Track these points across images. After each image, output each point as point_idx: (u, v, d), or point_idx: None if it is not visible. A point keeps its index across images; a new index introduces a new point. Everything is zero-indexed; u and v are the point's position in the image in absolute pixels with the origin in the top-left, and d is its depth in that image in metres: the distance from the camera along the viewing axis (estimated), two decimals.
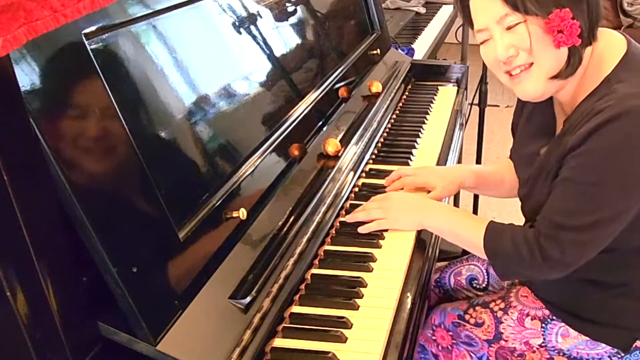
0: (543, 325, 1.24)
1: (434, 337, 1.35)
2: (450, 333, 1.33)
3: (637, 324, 1.17)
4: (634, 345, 1.18)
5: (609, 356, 1.20)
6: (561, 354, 1.23)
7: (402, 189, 1.43)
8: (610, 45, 1.12)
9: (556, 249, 1.07)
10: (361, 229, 1.24)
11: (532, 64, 1.09)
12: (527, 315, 1.26)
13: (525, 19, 1.06)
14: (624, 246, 1.12)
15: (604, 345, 1.19)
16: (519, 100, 1.31)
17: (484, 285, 1.46)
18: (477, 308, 1.32)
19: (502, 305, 1.29)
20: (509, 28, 1.07)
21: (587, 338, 1.20)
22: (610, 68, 1.08)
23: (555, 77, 1.09)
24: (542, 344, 1.24)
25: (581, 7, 1.05)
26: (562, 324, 1.22)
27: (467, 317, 1.31)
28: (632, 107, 1.00)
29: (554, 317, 1.23)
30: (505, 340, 1.27)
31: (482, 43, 1.14)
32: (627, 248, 1.13)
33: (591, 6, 1.07)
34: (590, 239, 1.07)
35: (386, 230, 1.26)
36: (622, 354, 1.19)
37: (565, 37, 1.03)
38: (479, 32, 1.13)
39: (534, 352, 1.25)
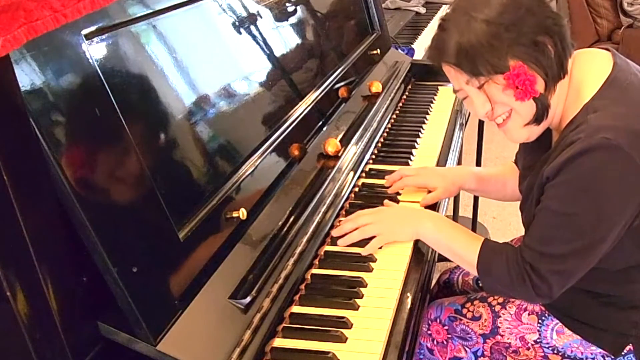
0: (540, 320, 1.24)
1: (429, 332, 1.35)
2: (446, 327, 1.33)
3: (626, 330, 1.18)
4: (626, 349, 1.18)
5: (602, 356, 1.20)
6: (555, 351, 1.23)
7: (402, 188, 1.43)
8: (591, 70, 1.12)
9: (544, 285, 1.09)
10: (364, 251, 1.21)
11: (512, 110, 1.12)
12: (525, 310, 1.26)
13: (486, 80, 1.08)
14: (611, 266, 1.13)
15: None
16: None
17: None
18: (475, 302, 1.32)
19: (501, 300, 1.29)
20: (479, 87, 1.10)
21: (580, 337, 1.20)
22: (589, 95, 1.08)
23: (529, 124, 1.12)
24: (537, 340, 1.24)
25: (541, 51, 1.06)
26: (558, 320, 1.23)
27: (464, 311, 1.32)
28: (600, 142, 1.00)
29: (550, 314, 1.24)
30: (501, 335, 1.27)
31: (463, 99, 1.17)
32: (614, 268, 1.14)
33: (556, 44, 1.07)
34: (568, 267, 1.08)
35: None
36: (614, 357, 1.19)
37: (522, 92, 1.06)
38: (456, 93, 1.18)
39: (528, 348, 1.25)
